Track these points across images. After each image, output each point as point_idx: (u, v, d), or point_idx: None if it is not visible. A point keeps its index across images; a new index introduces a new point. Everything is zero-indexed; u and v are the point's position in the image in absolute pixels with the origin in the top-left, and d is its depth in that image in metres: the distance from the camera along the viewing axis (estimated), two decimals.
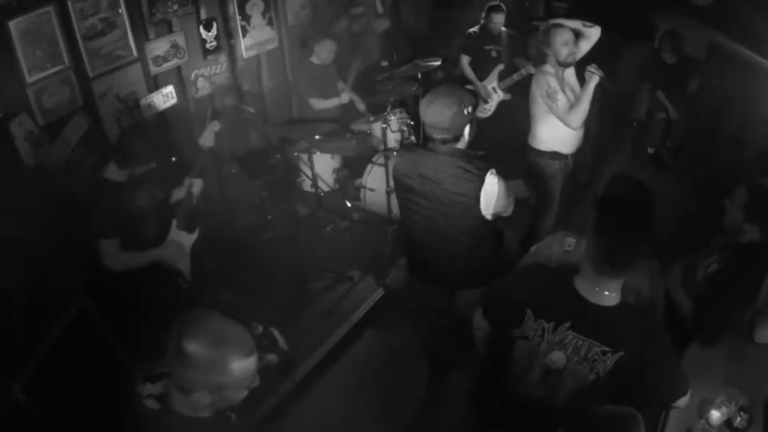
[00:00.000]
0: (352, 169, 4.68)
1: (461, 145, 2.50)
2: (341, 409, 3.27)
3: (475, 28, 4.99)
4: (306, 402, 3.33)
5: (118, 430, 1.60)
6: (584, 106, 3.35)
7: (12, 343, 2.44)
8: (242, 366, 1.43)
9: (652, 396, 1.87)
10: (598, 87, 3.34)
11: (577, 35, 3.52)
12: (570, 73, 3.54)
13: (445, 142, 2.46)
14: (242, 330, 1.49)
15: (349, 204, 4.54)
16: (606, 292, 1.77)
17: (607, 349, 1.77)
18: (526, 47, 5.08)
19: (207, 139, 3.16)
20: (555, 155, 3.67)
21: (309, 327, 3.69)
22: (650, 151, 5.33)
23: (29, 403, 2.31)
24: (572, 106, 3.40)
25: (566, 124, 3.43)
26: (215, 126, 3.20)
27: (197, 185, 3.14)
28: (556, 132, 3.57)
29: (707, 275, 2.50)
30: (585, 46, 3.57)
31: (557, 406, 1.95)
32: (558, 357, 1.85)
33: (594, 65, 3.32)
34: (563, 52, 3.38)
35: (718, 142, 5.26)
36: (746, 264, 2.38)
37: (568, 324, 1.81)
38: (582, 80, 3.44)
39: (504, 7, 4.83)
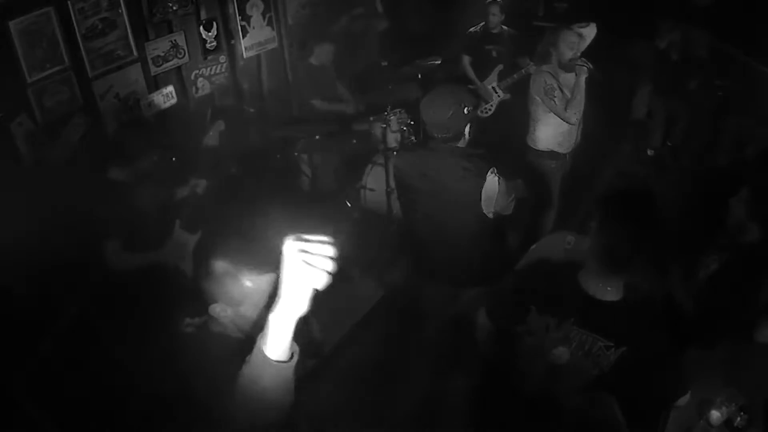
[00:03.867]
0: (352, 169, 4.68)
1: (462, 143, 2.51)
2: (341, 410, 3.27)
3: (475, 28, 4.99)
4: (305, 402, 3.33)
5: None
6: (579, 100, 3.38)
7: (12, 342, 2.44)
8: (254, 282, 1.52)
9: (652, 395, 1.87)
10: (590, 81, 3.37)
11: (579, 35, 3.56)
12: (568, 75, 3.55)
13: (445, 141, 2.47)
14: (264, 250, 1.52)
15: (349, 204, 4.54)
16: (609, 288, 1.79)
17: (610, 344, 1.78)
18: (526, 46, 5.08)
19: (212, 138, 3.18)
20: (553, 155, 3.69)
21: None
22: (650, 152, 5.33)
23: (29, 403, 2.31)
24: (568, 101, 3.43)
25: (565, 120, 3.47)
26: (220, 125, 3.21)
27: (201, 185, 3.15)
28: (554, 131, 3.59)
29: (708, 275, 2.50)
30: (583, 45, 3.61)
31: (562, 402, 1.95)
32: (562, 352, 1.85)
33: (582, 59, 3.36)
34: (568, 54, 3.42)
35: (718, 141, 5.26)
36: (747, 264, 2.38)
37: (572, 320, 1.82)
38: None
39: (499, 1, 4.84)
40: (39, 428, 2.37)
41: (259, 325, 1.52)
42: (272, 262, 1.48)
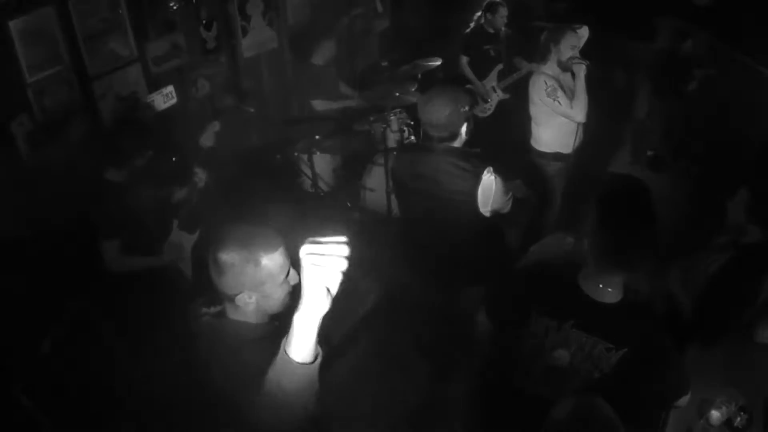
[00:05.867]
0: (352, 169, 4.68)
1: (458, 143, 2.52)
2: (340, 410, 3.27)
3: (471, 28, 4.99)
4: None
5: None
6: (583, 97, 3.39)
7: (12, 343, 2.44)
8: (272, 260, 1.59)
9: (653, 395, 1.87)
10: (589, 78, 3.39)
11: None
12: (566, 75, 3.56)
13: (441, 140, 2.48)
14: (268, 230, 1.64)
15: (349, 204, 4.54)
16: (609, 289, 1.78)
17: (611, 345, 1.77)
18: (525, 46, 5.08)
19: (207, 138, 3.18)
20: (557, 155, 3.69)
21: None
22: (650, 153, 5.33)
23: (29, 403, 2.31)
24: (572, 100, 3.43)
25: (571, 118, 3.46)
26: (215, 126, 3.22)
27: (200, 174, 3.14)
28: (558, 132, 3.59)
29: (707, 275, 2.50)
30: (581, 44, 3.63)
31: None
32: (561, 355, 1.85)
33: (577, 57, 3.37)
34: (569, 53, 3.43)
35: (718, 142, 5.25)
36: (746, 264, 2.38)
37: (571, 322, 1.81)
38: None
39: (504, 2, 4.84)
40: (39, 428, 2.37)
41: (283, 303, 1.67)
42: (280, 237, 1.64)
